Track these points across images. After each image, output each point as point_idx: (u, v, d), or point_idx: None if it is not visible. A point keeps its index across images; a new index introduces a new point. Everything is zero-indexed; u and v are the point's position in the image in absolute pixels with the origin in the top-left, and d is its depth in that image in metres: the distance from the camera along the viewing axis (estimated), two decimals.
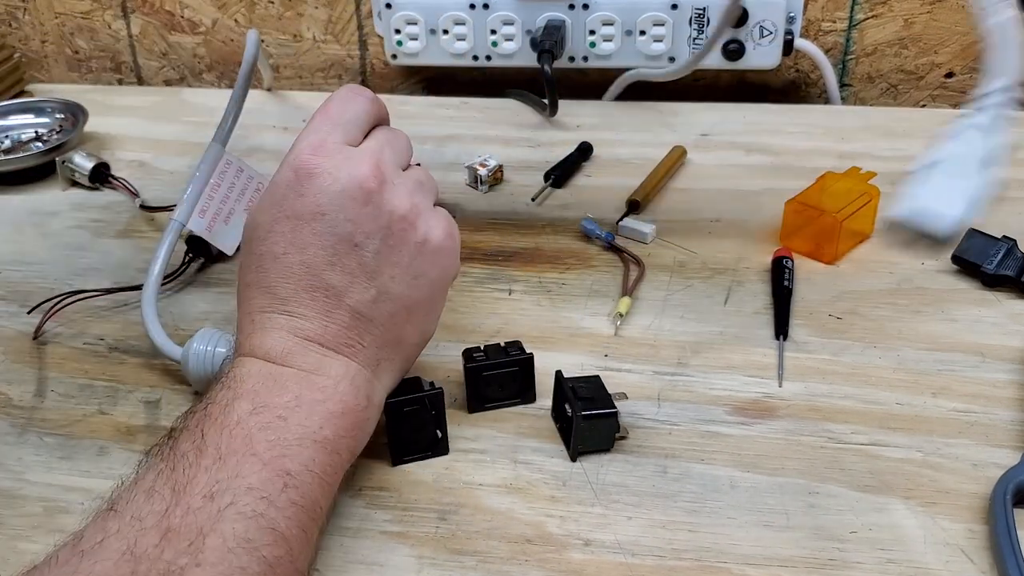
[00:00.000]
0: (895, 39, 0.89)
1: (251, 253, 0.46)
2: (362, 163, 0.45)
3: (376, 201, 0.45)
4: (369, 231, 0.44)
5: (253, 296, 0.45)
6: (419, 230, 0.46)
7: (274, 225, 0.45)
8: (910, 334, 0.58)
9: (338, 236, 0.44)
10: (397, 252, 0.45)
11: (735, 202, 0.72)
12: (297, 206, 0.44)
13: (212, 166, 0.63)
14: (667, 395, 0.54)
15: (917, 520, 0.45)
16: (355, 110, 0.47)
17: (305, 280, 0.44)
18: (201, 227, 0.62)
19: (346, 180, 0.44)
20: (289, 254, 0.44)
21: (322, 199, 0.44)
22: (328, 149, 0.45)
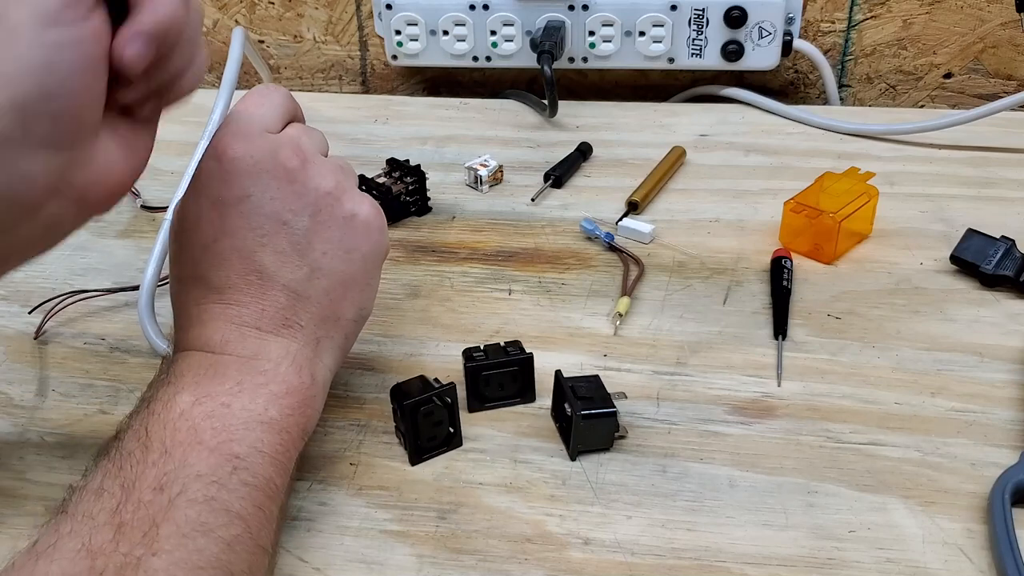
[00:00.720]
0: (894, 40, 0.89)
1: (180, 245, 0.46)
2: (282, 145, 0.45)
3: (300, 179, 0.45)
4: (296, 208, 0.45)
5: (187, 288, 0.45)
6: (345, 205, 0.46)
7: (201, 214, 0.45)
8: (909, 334, 0.58)
9: (265, 216, 0.44)
10: (326, 227, 0.46)
11: (734, 202, 0.72)
12: (222, 192, 0.44)
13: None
14: (666, 395, 0.54)
15: (916, 519, 0.46)
16: (271, 102, 0.48)
17: (237, 265, 0.44)
18: None
19: (268, 161, 0.45)
20: (219, 241, 0.44)
21: (246, 181, 0.44)
22: (248, 134, 0.45)
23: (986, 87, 0.90)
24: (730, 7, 0.83)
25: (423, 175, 0.72)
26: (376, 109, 0.89)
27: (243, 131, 0.45)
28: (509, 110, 0.89)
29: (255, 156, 0.45)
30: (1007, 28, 0.87)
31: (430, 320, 0.60)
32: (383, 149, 0.81)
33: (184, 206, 0.46)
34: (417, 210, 0.72)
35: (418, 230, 0.70)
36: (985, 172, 0.75)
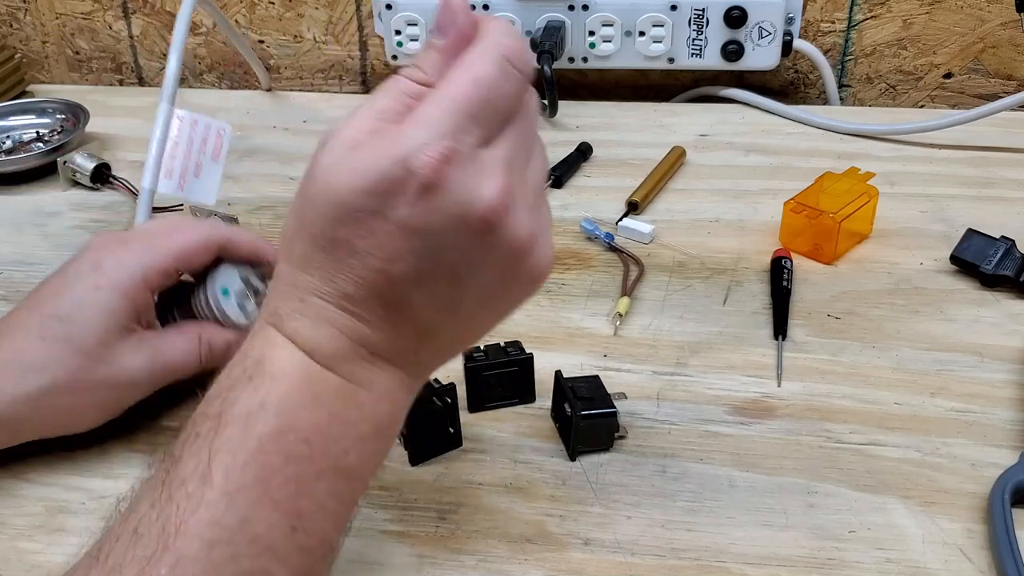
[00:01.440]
0: (894, 40, 0.89)
1: (322, 224, 0.36)
2: (492, 183, 0.35)
3: (495, 234, 0.36)
4: (475, 264, 0.36)
5: (310, 272, 0.36)
6: (528, 261, 0.37)
7: (366, 217, 0.35)
8: (908, 334, 0.58)
9: (438, 263, 0.36)
10: (496, 284, 0.38)
11: (734, 202, 0.72)
12: (403, 213, 0.35)
13: (165, 127, 0.62)
14: (666, 395, 0.54)
15: (915, 520, 0.46)
16: (503, 96, 0.36)
17: (383, 292, 0.36)
18: (172, 188, 0.62)
19: (467, 203, 0.35)
20: (373, 258, 0.35)
21: (434, 218, 0.35)
22: (459, 158, 0.35)
23: (986, 87, 0.90)
24: (730, 7, 0.83)
25: None
26: None
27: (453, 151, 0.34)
28: None
29: (456, 191, 0.35)
30: (1007, 28, 0.87)
31: None
32: None
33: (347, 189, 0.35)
34: None
35: None
36: (985, 172, 0.75)
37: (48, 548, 0.45)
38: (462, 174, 0.35)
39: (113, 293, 0.48)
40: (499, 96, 0.36)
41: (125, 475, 0.49)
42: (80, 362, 0.47)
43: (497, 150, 0.36)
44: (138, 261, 0.49)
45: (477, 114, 0.35)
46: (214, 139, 0.64)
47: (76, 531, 0.46)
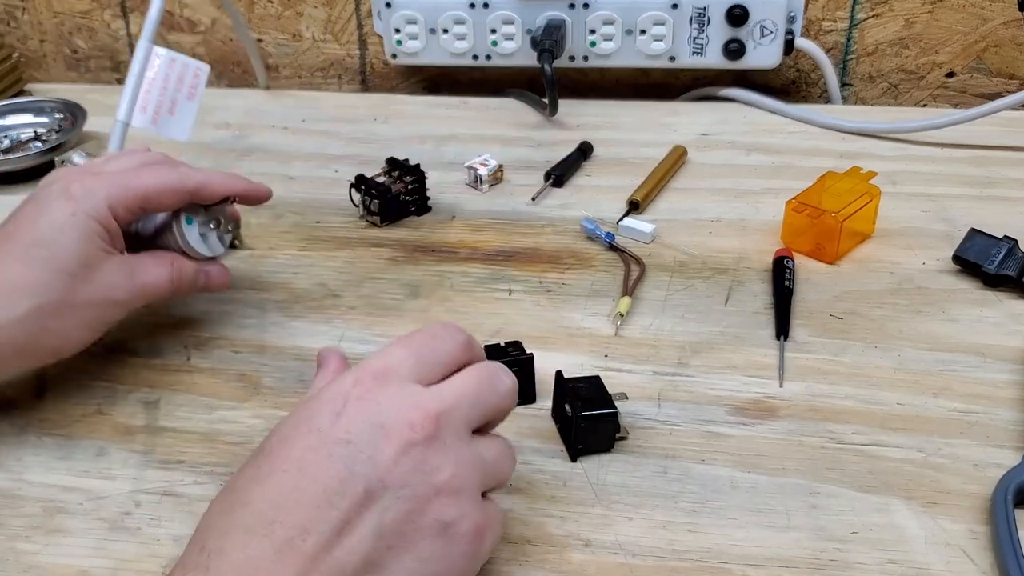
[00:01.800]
0: (896, 39, 0.89)
1: (256, 458, 0.38)
2: (419, 406, 0.38)
3: (415, 455, 0.36)
4: (389, 484, 0.36)
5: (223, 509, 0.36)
6: (448, 510, 0.37)
7: (292, 436, 0.37)
8: (911, 334, 0.58)
9: (352, 474, 0.36)
10: (411, 524, 0.36)
11: (735, 202, 0.72)
12: (325, 424, 0.37)
13: (143, 64, 0.65)
14: (667, 395, 0.53)
15: (918, 520, 0.45)
16: (440, 348, 0.40)
17: (292, 513, 0.35)
18: (145, 123, 0.65)
19: (390, 416, 0.37)
20: (288, 473, 0.36)
21: (354, 426, 0.37)
22: (390, 377, 0.38)
23: (988, 86, 0.90)
24: (732, 5, 0.83)
25: (423, 174, 0.71)
26: (376, 108, 0.89)
27: (387, 371, 0.39)
28: (509, 109, 0.89)
29: (381, 403, 0.37)
30: (1009, 27, 0.86)
31: (430, 320, 0.60)
32: (383, 148, 0.81)
33: (283, 422, 0.39)
34: (417, 210, 0.72)
35: (418, 230, 0.70)
36: (987, 171, 0.75)
37: (45, 549, 0.45)
38: (392, 392, 0.38)
39: (87, 218, 0.50)
40: (432, 345, 0.40)
41: (123, 475, 0.49)
42: (65, 283, 0.49)
43: (431, 391, 0.39)
44: (105, 192, 0.51)
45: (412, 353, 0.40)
46: (191, 78, 0.67)
47: (74, 532, 0.46)
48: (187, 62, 0.66)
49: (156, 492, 0.48)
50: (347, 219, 0.72)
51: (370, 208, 0.70)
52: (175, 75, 0.66)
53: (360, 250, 0.68)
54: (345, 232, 0.70)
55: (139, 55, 0.65)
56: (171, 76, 0.66)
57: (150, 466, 0.49)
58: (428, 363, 0.40)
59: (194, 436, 0.52)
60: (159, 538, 0.45)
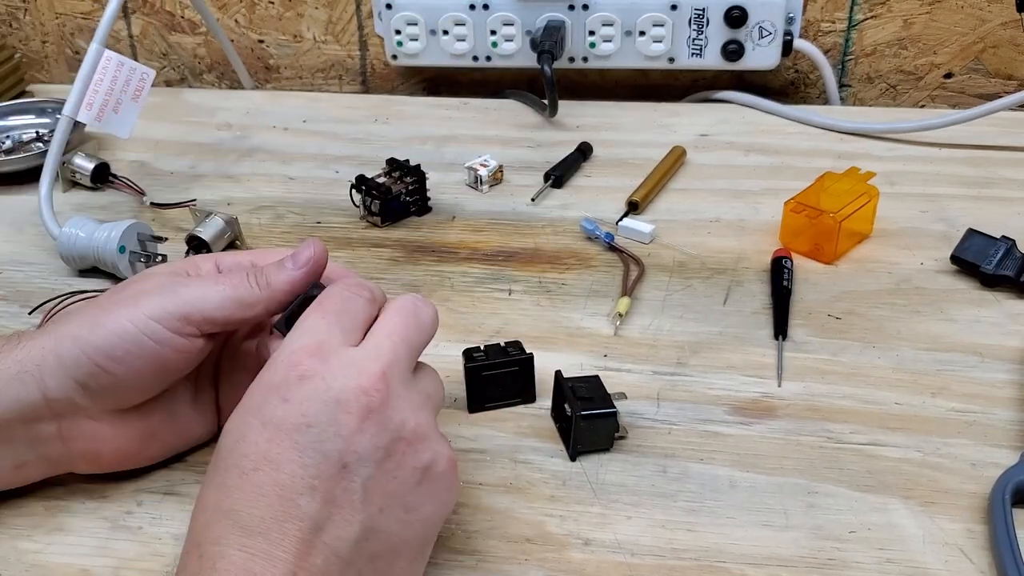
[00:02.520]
0: (894, 39, 0.89)
1: (214, 466, 0.38)
2: (366, 369, 0.38)
3: (376, 418, 0.37)
4: (363, 452, 0.37)
5: (208, 520, 0.36)
6: (422, 455, 0.38)
7: (247, 433, 0.37)
8: (909, 334, 0.58)
9: (324, 454, 0.36)
10: (392, 480, 0.38)
11: (734, 202, 0.72)
12: (278, 413, 0.37)
13: (93, 64, 0.68)
14: (666, 395, 0.54)
15: (916, 520, 0.46)
16: (354, 307, 0.41)
17: (277, 506, 0.35)
18: (90, 119, 0.68)
19: (342, 388, 0.37)
20: (261, 471, 0.36)
21: (310, 408, 0.37)
22: (325, 350, 0.38)
23: (986, 87, 0.90)
24: (730, 7, 0.83)
25: (423, 175, 0.72)
26: (376, 109, 0.89)
27: (319, 346, 0.39)
28: (509, 110, 0.89)
29: (327, 379, 0.37)
30: (1007, 28, 0.87)
31: None
32: (383, 149, 0.81)
33: (232, 418, 0.39)
34: (417, 210, 0.72)
35: (418, 230, 0.70)
36: (986, 172, 0.75)
37: (47, 548, 0.45)
38: (332, 365, 0.38)
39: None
40: (346, 306, 0.41)
41: (125, 475, 0.49)
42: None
43: (366, 346, 0.39)
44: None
45: (329, 319, 0.40)
46: (137, 81, 0.70)
47: (76, 531, 0.46)
48: (135, 66, 0.70)
49: (158, 491, 0.48)
50: (348, 219, 0.72)
51: (371, 208, 0.70)
52: (123, 77, 0.69)
53: (361, 250, 0.68)
54: (346, 232, 0.70)
55: (90, 56, 0.68)
56: (119, 78, 0.69)
57: (151, 465, 0.49)
58: (351, 326, 0.40)
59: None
60: (160, 537, 0.46)
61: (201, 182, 0.78)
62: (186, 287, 0.44)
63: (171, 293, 0.44)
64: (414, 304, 0.42)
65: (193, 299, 0.44)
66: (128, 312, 0.43)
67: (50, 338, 0.44)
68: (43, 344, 0.44)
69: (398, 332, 0.40)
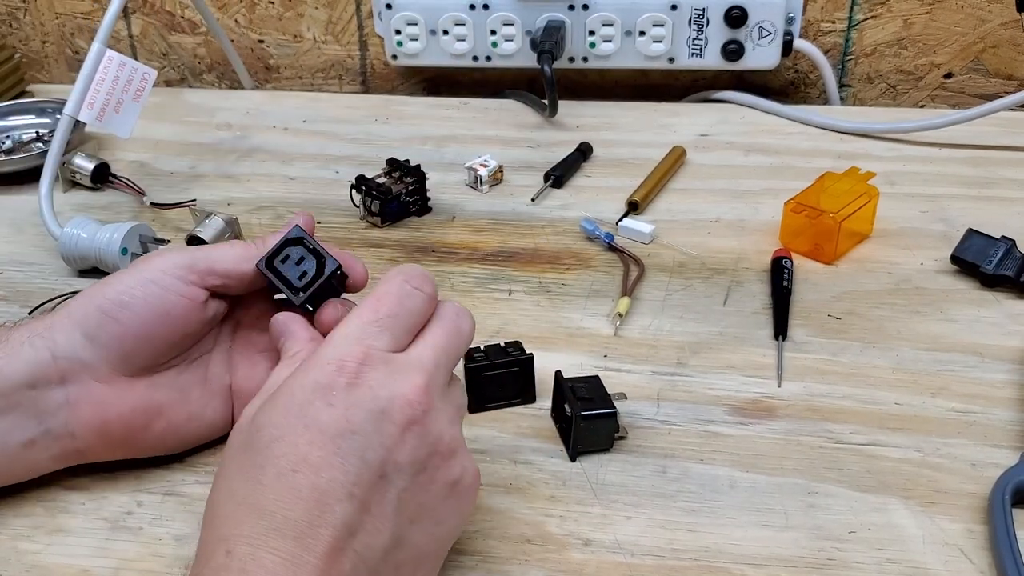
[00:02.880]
0: (894, 39, 0.89)
1: (248, 460, 0.37)
2: (410, 380, 0.38)
3: (417, 430, 0.38)
4: (402, 463, 0.37)
5: (239, 518, 0.36)
6: (453, 469, 0.39)
7: (287, 433, 0.37)
8: (909, 334, 0.58)
9: (366, 462, 0.36)
10: (426, 492, 0.38)
11: (734, 202, 0.72)
12: (323, 417, 0.37)
13: (95, 64, 0.68)
14: (666, 395, 0.54)
15: (916, 520, 0.46)
16: (409, 308, 0.41)
17: (314, 510, 0.35)
18: (91, 118, 0.68)
19: (388, 399, 0.38)
20: (299, 473, 0.36)
21: (355, 415, 0.37)
22: (373, 358, 0.38)
23: (986, 87, 0.90)
24: (730, 7, 0.83)
25: (423, 175, 0.72)
26: (376, 109, 0.89)
27: (367, 352, 0.38)
28: (509, 110, 0.89)
29: (375, 388, 0.38)
30: (1007, 28, 0.87)
31: None
32: (383, 149, 0.81)
33: (264, 413, 0.38)
34: (417, 210, 0.72)
35: (418, 230, 0.70)
36: (985, 172, 0.75)
37: (47, 548, 0.45)
38: (380, 374, 0.38)
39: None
40: (401, 308, 0.40)
41: (125, 475, 0.49)
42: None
43: (412, 356, 0.39)
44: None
45: (383, 323, 0.40)
46: (138, 81, 0.70)
47: (75, 531, 0.46)
48: (136, 66, 0.70)
49: (158, 492, 0.48)
50: (348, 220, 0.72)
51: (371, 209, 0.70)
52: (124, 77, 0.69)
53: (361, 251, 0.68)
54: (346, 233, 0.70)
55: (91, 56, 0.68)
56: (120, 78, 0.69)
57: (152, 465, 0.49)
58: (403, 330, 0.40)
59: None
60: (161, 537, 0.46)
61: (201, 182, 0.78)
62: (195, 249, 0.48)
63: (181, 251, 0.48)
64: (457, 315, 0.42)
65: (199, 254, 0.47)
66: (138, 267, 0.47)
67: (65, 305, 0.47)
68: (57, 311, 0.47)
69: (440, 343, 0.41)
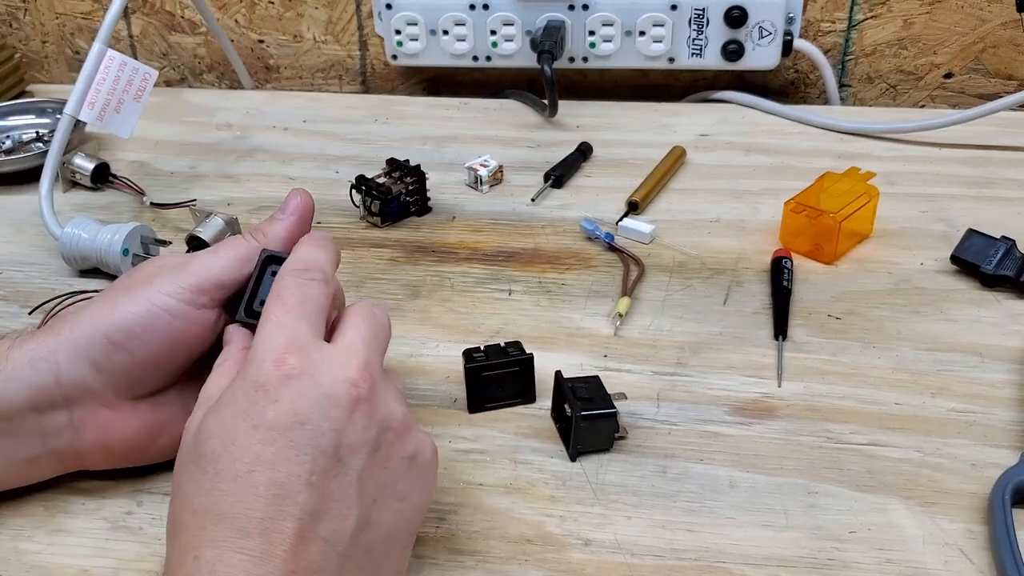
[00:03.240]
0: (894, 39, 0.89)
1: (200, 470, 0.37)
2: (347, 363, 0.39)
3: (364, 409, 0.38)
4: (355, 444, 0.38)
5: (202, 524, 0.36)
6: (408, 444, 0.40)
7: (236, 436, 0.37)
8: (909, 334, 0.58)
9: (320, 449, 0.37)
10: (384, 470, 0.38)
11: (734, 202, 0.72)
12: (269, 414, 0.37)
13: (96, 63, 0.68)
14: (666, 395, 0.54)
15: (916, 520, 0.46)
16: (311, 294, 0.42)
17: (273, 506, 0.35)
18: (92, 118, 0.68)
19: (330, 383, 0.38)
20: (256, 472, 0.36)
21: (302, 405, 0.37)
22: (304, 346, 0.39)
23: (987, 87, 0.90)
24: (730, 7, 0.83)
25: (423, 175, 0.72)
26: (376, 109, 0.89)
27: (295, 341, 0.39)
28: (509, 110, 0.89)
29: (314, 375, 0.38)
30: (1007, 28, 0.87)
31: (430, 320, 0.60)
32: (383, 149, 0.81)
33: (210, 422, 0.38)
34: (417, 210, 0.72)
35: (418, 230, 0.70)
36: (986, 172, 0.75)
37: (48, 548, 0.45)
38: (315, 361, 0.38)
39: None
40: (304, 295, 0.41)
41: (125, 475, 0.49)
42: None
43: (342, 343, 0.40)
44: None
45: (294, 310, 0.40)
46: (139, 81, 0.70)
47: (76, 531, 0.46)
48: (137, 66, 0.70)
49: (158, 492, 0.48)
50: (348, 220, 0.72)
51: (371, 209, 0.70)
52: (125, 77, 0.69)
53: (361, 251, 0.68)
54: (346, 233, 0.70)
55: (92, 56, 0.68)
56: (121, 78, 0.69)
57: (152, 466, 0.49)
58: (314, 314, 0.41)
59: None
60: (160, 537, 0.45)
61: (201, 182, 0.78)
62: (191, 261, 0.46)
63: (180, 269, 0.45)
64: (370, 309, 0.43)
65: (200, 270, 0.45)
66: (143, 291, 0.45)
67: (65, 325, 0.45)
68: (58, 331, 0.45)
69: (364, 332, 0.41)
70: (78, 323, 0.45)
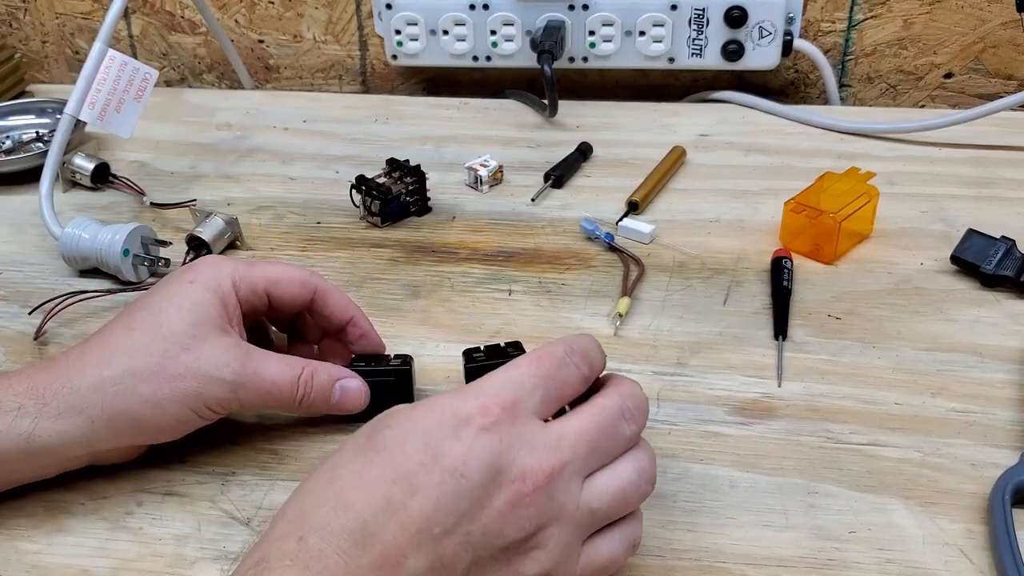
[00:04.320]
0: (894, 39, 0.89)
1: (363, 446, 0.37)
2: (542, 453, 0.37)
3: (521, 511, 0.36)
4: (489, 530, 0.36)
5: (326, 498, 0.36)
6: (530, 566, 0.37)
7: (408, 443, 0.36)
8: (909, 334, 0.58)
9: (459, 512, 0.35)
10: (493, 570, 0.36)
11: (734, 202, 0.72)
12: (444, 447, 0.36)
13: (96, 63, 0.69)
14: (666, 395, 0.54)
15: (916, 520, 0.46)
16: (565, 377, 0.39)
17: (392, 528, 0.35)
18: (92, 118, 0.69)
19: (508, 461, 0.36)
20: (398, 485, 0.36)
21: (472, 460, 0.36)
22: (518, 412, 0.37)
23: (986, 87, 0.90)
24: (730, 7, 0.83)
25: (423, 175, 0.72)
26: (376, 109, 0.89)
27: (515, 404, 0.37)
28: (509, 110, 0.89)
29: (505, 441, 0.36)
30: (1007, 28, 0.87)
31: (430, 320, 0.60)
32: (383, 149, 0.81)
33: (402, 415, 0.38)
34: (417, 210, 0.72)
35: (418, 230, 0.70)
36: (985, 172, 0.75)
37: (48, 548, 0.45)
38: (514, 430, 0.36)
39: (204, 288, 0.48)
40: (558, 374, 0.39)
41: (125, 475, 0.49)
42: (165, 348, 0.46)
43: (550, 437, 0.37)
44: (231, 268, 0.49)
45: (539, 381, 0.38)
46: (140, 81, 0.70)
47: (76, 531, 0.46)
48: (138, 66, 0.70)
49: (158, 491, 0.48)
50: (348, 220, 0.72)
51: (371, 209, 0.70)
52: (126, 77, 0.69)
53: (360, 251, 0.68)
54: (346, 233, 0.70)
55: (93, 56, 0.69)
56: (122, 78, 0.69)
57: (152, 466, 0.49)
58: (552, 397, 0.39)
59: (195, 436, 0.52)
60: (161, 537, 0.46)
61: (201, 182, 0.78)
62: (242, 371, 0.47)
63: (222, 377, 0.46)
64: (616, 413, 0.39)
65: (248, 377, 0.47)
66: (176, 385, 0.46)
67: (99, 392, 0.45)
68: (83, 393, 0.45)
69: (589, 431, 0.38)
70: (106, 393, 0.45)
